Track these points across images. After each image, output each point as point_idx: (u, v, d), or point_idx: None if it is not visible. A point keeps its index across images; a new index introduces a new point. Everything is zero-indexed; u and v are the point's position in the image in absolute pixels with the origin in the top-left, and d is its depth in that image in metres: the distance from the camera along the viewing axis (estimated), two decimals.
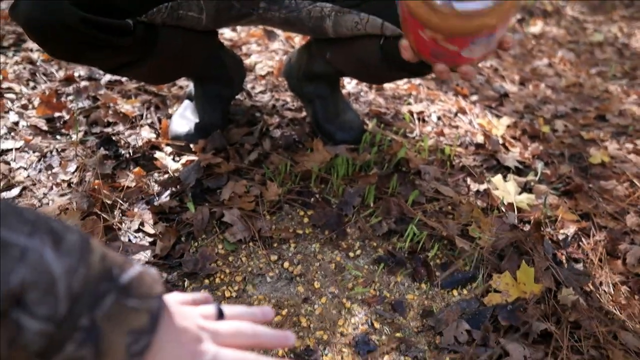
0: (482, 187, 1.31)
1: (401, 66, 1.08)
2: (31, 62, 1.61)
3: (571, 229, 1.22)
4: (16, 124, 1.36)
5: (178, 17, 1.04)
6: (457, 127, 1.58)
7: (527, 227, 1.21)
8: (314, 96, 1.39)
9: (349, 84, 1.69)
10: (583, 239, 1.21)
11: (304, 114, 1.49)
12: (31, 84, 1.52)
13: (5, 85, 1.50)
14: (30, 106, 1.42)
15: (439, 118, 1.60)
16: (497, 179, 1.33)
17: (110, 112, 1.40)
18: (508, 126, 1.63)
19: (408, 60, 0.79)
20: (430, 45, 0.71)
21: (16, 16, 0.89)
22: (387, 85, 1.71)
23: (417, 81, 1.78)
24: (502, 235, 1.15)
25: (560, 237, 1.21)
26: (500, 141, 1.52)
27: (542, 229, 1.20)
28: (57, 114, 1.39)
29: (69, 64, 1.60)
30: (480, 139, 1.52)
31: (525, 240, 1.14)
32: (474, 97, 1.80)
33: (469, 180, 1.34)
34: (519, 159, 1.46)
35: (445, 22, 0.66)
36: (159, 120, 1.40)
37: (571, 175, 1.43)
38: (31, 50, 1.65)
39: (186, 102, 1.38)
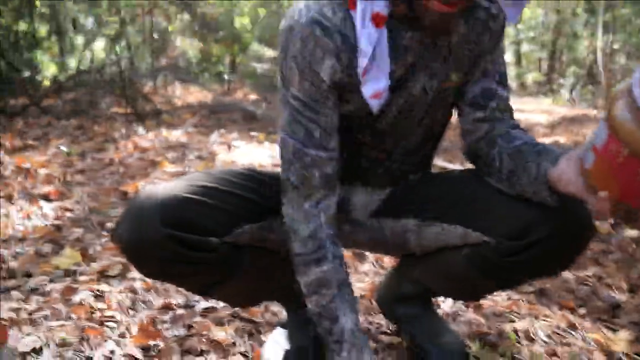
0: None
1: (490, 275, 1.05)
2: (133, 291, 1.68)
3: None
4: (112, 352, 1.36)
5: (264, 238, 1.08)
6: (569, 344, 1.43)
7: None
8: (408, 318, 1.33)
9: (444, 303, 1.62)
10: None
11: (400, 338, 1.42)
12: (131, 312, 1.57)
13: (107, 313, 1.55)
14: (127, 334, 1.44)
15: (548, 336, 1.47)
16: None
17: (203, 340, 1.39)
18: (630, 341, 1.46)
19: (599, 215, 0.81)
20: None
21: (116, 237, 1.00)
22: (485, 303, 1.63)
23: (515, 295, 1.69)
24: None
25: None
26: (625, 359, 1.36)
27: None
28: (152, 342, 1.39)
29: (167, 293, 1.65)
30: (599, 357, 1.36)
31: None
32: (582, 310, 1.66)
33: None
34: None
35: None
36: (252, 348, 1.37)
37: None
38: (134, 280, 1.74)
39: (278, 329, 1.36)
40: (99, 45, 6.37)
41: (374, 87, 0.97)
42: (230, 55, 7.56)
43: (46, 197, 2.59)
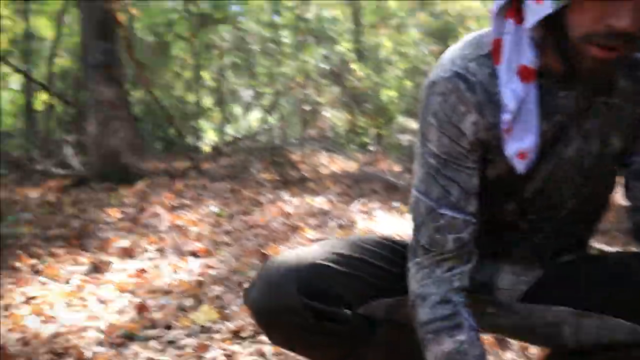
0: None
1: None
2: (262, 354, 1.67)
3: None
4: None
5: (397, 313, 1.02)
6: None
7: None
8: None
9: None
10: None
11: None
12: None
13: None
14: None
15: None
16: None
17: None
18: None
19: None
20: None
21: (248, 300, 0.98)
22: None
23: None
24: None
25: None
26: None
27: None
28: None
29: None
30: None
31: None
32: None
33: None
34: None
35: None
36: None
37: None
38: (264, 343, 1.73)
39: None
40: (255, 114, 6.87)
41: (518, 146, 0.90)
42: (376, 128, 7.72)
43: (194, 254, 2.74)
